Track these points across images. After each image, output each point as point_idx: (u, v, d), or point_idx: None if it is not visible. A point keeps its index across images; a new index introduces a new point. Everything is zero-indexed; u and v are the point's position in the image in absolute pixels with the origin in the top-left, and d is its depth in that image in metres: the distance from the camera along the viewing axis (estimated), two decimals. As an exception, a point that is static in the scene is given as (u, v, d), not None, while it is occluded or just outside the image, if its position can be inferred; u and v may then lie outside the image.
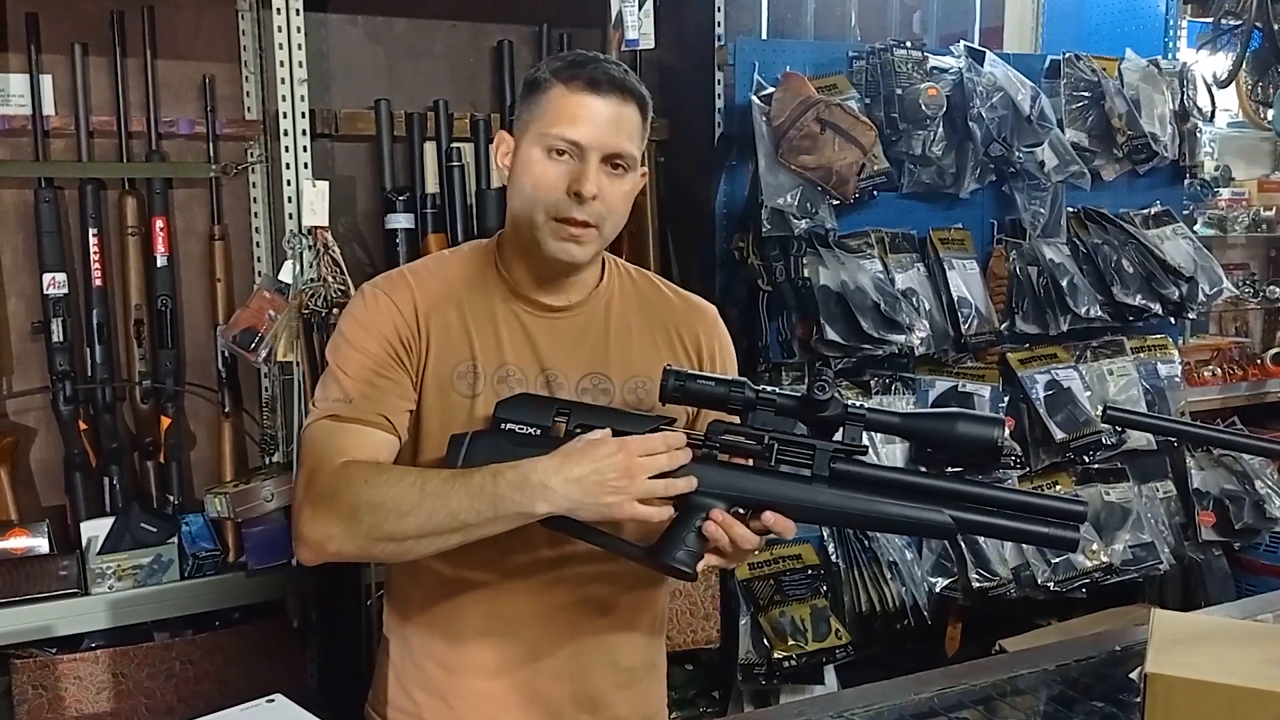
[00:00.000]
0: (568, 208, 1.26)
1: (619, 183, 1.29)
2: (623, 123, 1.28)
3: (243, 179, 2.37)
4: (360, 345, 1.31)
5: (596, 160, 1.27)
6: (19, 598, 1.99)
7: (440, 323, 1.33)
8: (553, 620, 1.36)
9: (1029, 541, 1.23)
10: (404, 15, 2.50)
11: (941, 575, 2.60)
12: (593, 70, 1.27)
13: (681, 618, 2.38)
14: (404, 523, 1.19)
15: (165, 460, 2.30)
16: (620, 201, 1.31)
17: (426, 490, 1.19)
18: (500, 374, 1.33)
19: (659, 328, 1.43)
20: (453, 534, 1.19)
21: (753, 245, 2.41)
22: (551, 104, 1.28)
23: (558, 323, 1.36)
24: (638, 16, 2.39)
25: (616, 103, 1.27)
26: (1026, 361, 2.71)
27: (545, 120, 1.28)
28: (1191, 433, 1.72)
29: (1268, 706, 1.18)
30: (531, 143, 1.29)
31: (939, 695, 1.49)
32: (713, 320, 1.49)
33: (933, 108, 2.45)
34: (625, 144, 1.28)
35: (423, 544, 1.20)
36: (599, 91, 1.27)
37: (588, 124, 1.26)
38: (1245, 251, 4.05)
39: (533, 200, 1.28)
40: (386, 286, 1.35)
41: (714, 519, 1.18)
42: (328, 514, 1.21)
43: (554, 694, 1.38)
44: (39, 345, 2.21)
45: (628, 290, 1.43)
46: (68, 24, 2.21)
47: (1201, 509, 2.90)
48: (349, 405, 1.28)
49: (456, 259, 1.41)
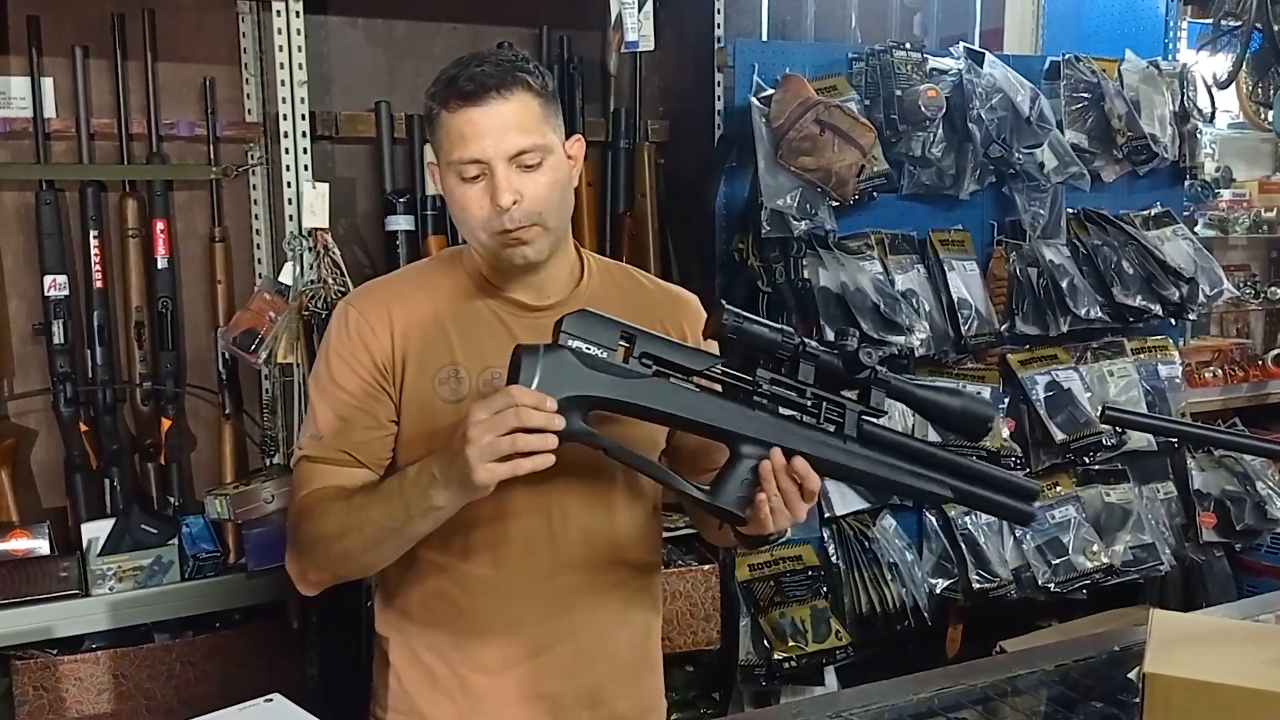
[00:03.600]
0: (499, 222, 1.27)
1: (537, 175, 1.28)
2: (512, 118, 1.26)
3: (243, 181, 2.37)
4: (335, 377, 1.33)
5: (503, 168, 1.26)
6: (20, 599, 1.99)
7: (418, 334, 1.33)
8: (553, 614, 1.36)
9: (997, 512, 1.30)
10: (404, 17, 2.51)
11: (942, 576, 2.60)
12: (464, 83, 1.26)
13: (682, 619, 2.38)
14: (346, 545, 1.25)
15: (166, 462, 2.30)
16: (547, 192, 1.29)
17: (352, 508, 1.25)
18: (486, 376, 1.33)
19: (643, 321, 1.39)
20: (386, 541, 1.24)
21: (752, 246, 2.41)
22: (443, 131, 1.28)
23: (541, 322, 1.33)
24: (638, 18, 2.39)
25: (498, 102, 1.25)
26: (1026, 363, 2.71)
27: (446, 149, 1.29)
28: (1189, 432, 1.72)
29: (1267, 706, 1.18)
30: (446, 173, 1.30)
31: (938, 695, 1.49)
32: (695, 310, 1.48)
33: (932, 109, 2.45)
34: (523, 139, 1.26)
35: (371, 557, 1.27)
36: (476, 101, 1.25)
37: (476, 139, 1.25)
38: (1246, 253, 4.05)
39: (468, 225, 1.30)
40: (363, 306, 1.36)
41: (773, 459, 1.19)
42: (294, 553, 1.32)
43: (556, 690, 1.38)
44: (40, 347, 2.22)
45: (608, 285, 1.43)
46: (69, 27, 2.21)
47: (1202, 510, 2.90)
48: (320, 444, 1.32)
49: (437, 266, 1.42)
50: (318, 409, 1.34)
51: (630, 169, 2.54)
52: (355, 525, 1.24)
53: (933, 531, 2.63)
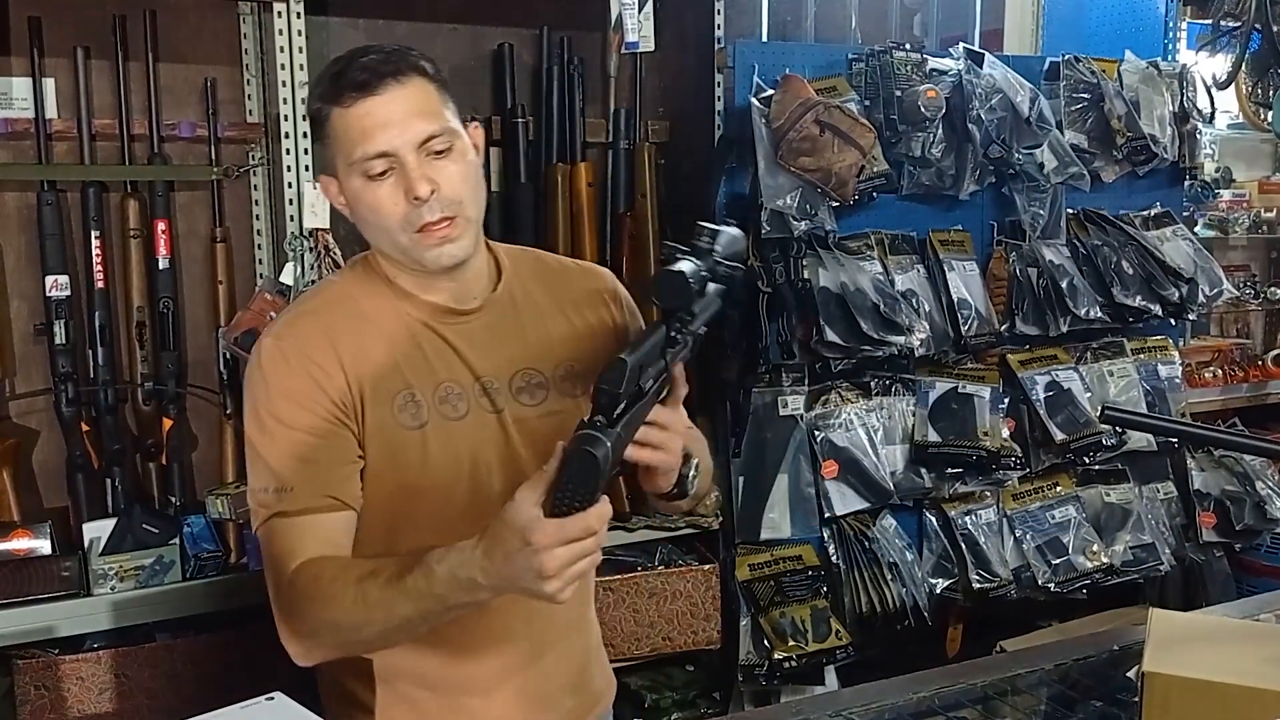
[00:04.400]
0: (418, 217, 1.20)
1: (448, 162, 1.21)
2: (413, 104, 1.20)
3: (244, 181, 2.37)
4: (287, 420, 1.21)
5: (413, 157, 1.19)
6: (21, 598, 2.00)
7: (368, 364, 1.25)
8: (542, 612, 1.33)
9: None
10: (404, 18, 2.51)
11: (942, 576, 2.61)
12: (355, 74, 1.19)
13: (682, 619, 2.38)
14: (364, 634, 1.16)
15: (167, 462, 2.30)
16: (462, 178, 1.23)
17: (369, 604, 1.12)
18: (440, 394, 1.27)
19: (569, 303, 1.38)
20: (415, 630, 1.16)
21: (753, 247, 2.41)
22: (339, 131, 1.21)
23: (473, 327, 1.30)
24: (638, 19, 2.39)
25: (395, 89, 1.19)
26: (1026, 363, 2.71)
27: (344, 149, 1.21)
28: (1189, 432, 1.72)
29: (1265, 705, 1.18)
30: (349, 176, 1.22)
31: (938, 694, 1.49)
32: (613, 282, 1.45)
33: (932, 110, 2.45)
34: (428, 124, 1.20)
35: (394, 639, 1.18)
36: (372, 90, 1.18)
37: (381, 129, 1.18)
38: (1246, 253, 4.05)
39: (384, 228, 1.23)
40: (300, 342, 1.24)
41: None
42: (298, 633, 1.20)
43: (551, 687, 1.38)
44: (41, 347, 2.22)
45: (525, 275, 1.38)
46: (70, 27, 2.21)
47: (1202, 510, 2.90)
48: (290, 496, 1.20)
49: (355, 286, 1.32)
50: (272, 459, 1.21)
51: (630, 169, 2.54)
52: (378, 620, 1.13)
53: (933, 531, 2.64)
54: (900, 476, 2.56)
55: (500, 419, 1.30)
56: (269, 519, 1.21)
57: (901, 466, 2.57)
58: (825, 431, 2.49)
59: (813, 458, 2.48)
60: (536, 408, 1.32)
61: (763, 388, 2.47)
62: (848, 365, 2.51)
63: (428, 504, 1.27)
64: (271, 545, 1.21)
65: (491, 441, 1.30)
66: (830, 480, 2.49)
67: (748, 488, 2.48)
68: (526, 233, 2.43)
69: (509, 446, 1.30)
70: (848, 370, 2.54)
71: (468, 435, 1.28)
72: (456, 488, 1.28)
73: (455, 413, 1.27)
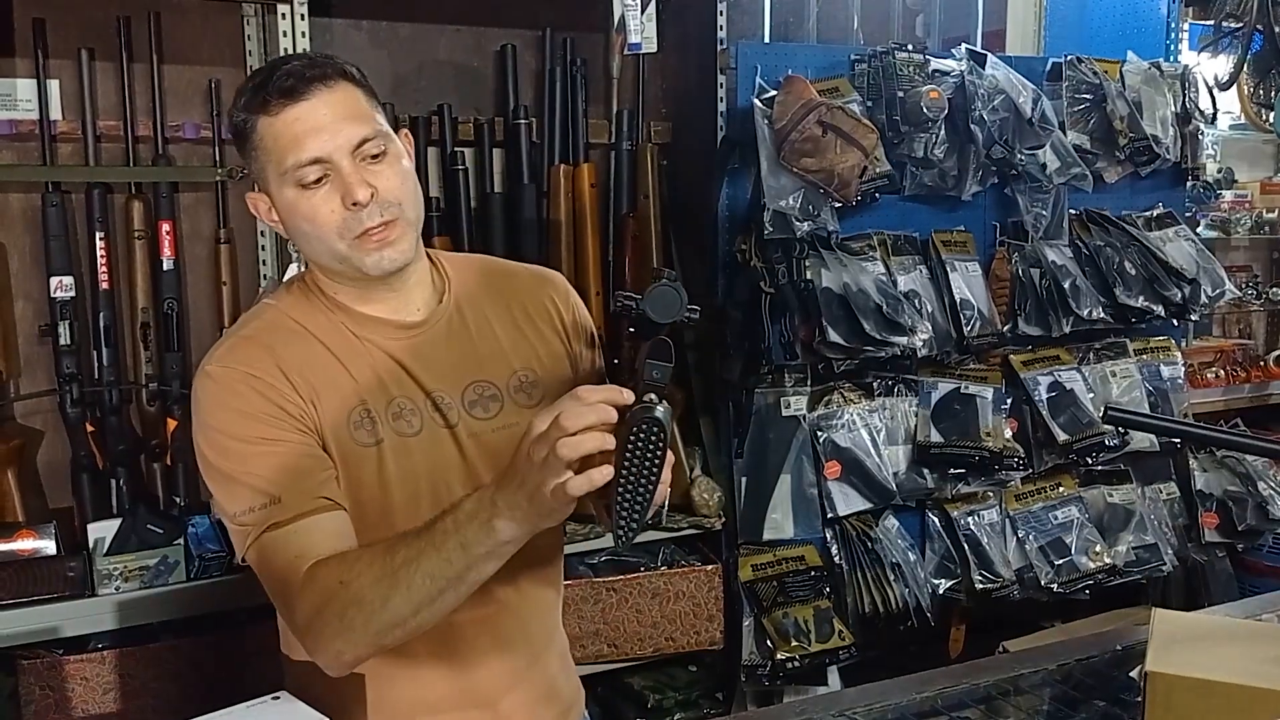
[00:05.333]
0: (357, 223, 1.17)
1: (384, 166, 1.19)
2: (343, 108, 1.18)
3: (248, 183, 2.38)
4: (255, 436, 1.16)
5: (348, 162, 1.17)
6: (26, 599, 2.00)
7: (321, 382, 1.21)
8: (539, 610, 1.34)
9: None
10: (408, 20, 2.51)
11: (945, 577, 2.61)
12: (281, 80, 1.16)
13: (685, 619, 2.39)
14: (394, 607, 1.08)
15: (172, 462, 2.30)
16: (399, 181, 1.20)
17: (396, 564, 1.07)
18: (393, 410, 1.24)
19: (518, 309, 1.34)
20: (444, 595, 1.07)
21: (755, 248, 2.42)
22: (267, 141, 1.17)
23: (419, 341, 1.27)
24: (640, 20, 2.40)
25: (323, 93, 1.17)
26: (1029, 363, 2.72)
27: (274, 159, 1.18)
28: (1192, 433, 1.72)
29: (1268, 705, 1.18)
30: (281, 187, 1.19)
31: (941, 694, 1.49)
32: (565, 287, 1.41)
33: (934, 110, 2.46)
34: (360, 127, 1.18)
35: (425, 615, 1.09)
36: (299, 96, 1.16)
37: (311, 136, 1.16)
38: (1248, 253, 4.05)
39: (322, 238, 1.19)
40: (246, 365, 1.20)
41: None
42: (325, 633, 1.11)
43: (550, 674, 1.38)
44: (46, 348, 2.23)
45: (472, 284, 1.34)
46: (74, 29, 2.22)
47: (1204, 510, 2.90)
48: (280, 506, 1.14)
49: (293, 306, 1.28)
50: (248, 478, 1.15)
51: (633, 171, 2.55)
52: (405, 583, 1.06)
53: (935, 532, 2.64)
54: (903, 477, 2.56)
55: (454, 434, 1.26)
56: (260, 535, 1.15)
57: (904, 467, 2.57)
58: (828, 432, 2.50)
59: (815, 458, 2.49)
60: (491, 420, 1.28)
61: (765, 388, 2.48)
62: (850, 366, 2.51)
63: (392, 524, 1.21)
64: (274, 559, 1.15)
65: (448, 457, 1.26)
66: (833, 481, 2.49)
67: (750, 488, 2.48)
68: (529, 234, 2.43)
69: (465, 462, 1.27)
70: (850, 371, 2.54)
71: (425, 452, 1.25)
72: (419, 504, 1.23)
73: (410, 429, 1.24)
